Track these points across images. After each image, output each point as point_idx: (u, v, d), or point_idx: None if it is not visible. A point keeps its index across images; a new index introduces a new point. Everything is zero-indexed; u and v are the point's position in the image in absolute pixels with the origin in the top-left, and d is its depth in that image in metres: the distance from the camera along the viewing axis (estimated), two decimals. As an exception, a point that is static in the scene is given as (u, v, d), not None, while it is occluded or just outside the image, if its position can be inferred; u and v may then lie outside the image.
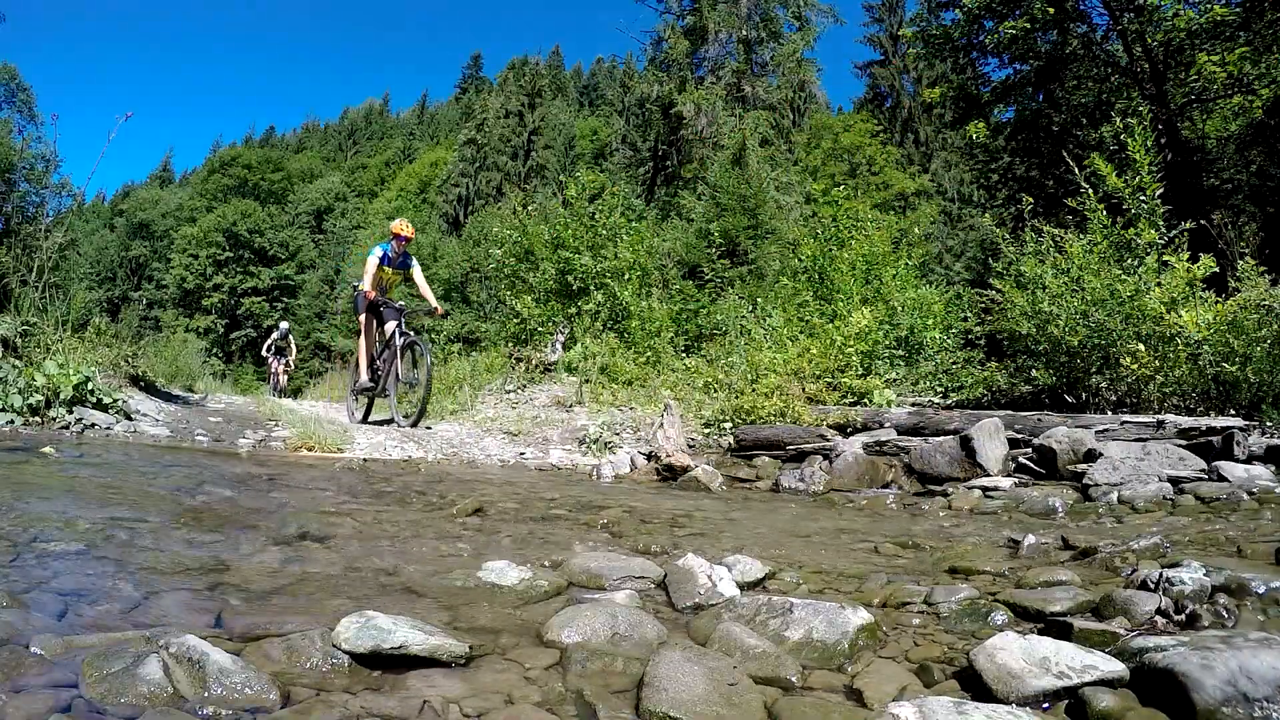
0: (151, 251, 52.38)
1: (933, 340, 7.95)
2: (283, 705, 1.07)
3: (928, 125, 37.03)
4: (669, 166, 23.03)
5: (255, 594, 1.58)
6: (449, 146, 52.73)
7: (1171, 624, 1.49)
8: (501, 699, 1.15)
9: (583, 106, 64.25)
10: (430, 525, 2.56)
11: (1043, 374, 5.55)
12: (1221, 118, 11.64)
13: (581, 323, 9.14)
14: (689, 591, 1.72)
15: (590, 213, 10.46)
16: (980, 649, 1.25)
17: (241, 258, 47.53)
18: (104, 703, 1.01)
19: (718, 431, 5.46)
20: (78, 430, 4.64)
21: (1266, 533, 2.29)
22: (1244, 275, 4.99)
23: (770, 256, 12.58)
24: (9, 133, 18.78)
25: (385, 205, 48.84)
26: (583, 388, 7.32)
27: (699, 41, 21.70)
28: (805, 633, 1.42)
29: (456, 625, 1.46)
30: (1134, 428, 4.04)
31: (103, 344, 6.37)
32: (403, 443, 5.42)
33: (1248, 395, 4.55)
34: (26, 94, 22.89)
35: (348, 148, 77.53)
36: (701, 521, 2.89)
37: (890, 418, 5.05)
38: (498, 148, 42.85)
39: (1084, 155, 6.67)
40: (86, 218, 52.36)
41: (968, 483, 3.69)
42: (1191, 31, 10.51)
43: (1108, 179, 5.60)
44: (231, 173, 54.98)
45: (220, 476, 3.39)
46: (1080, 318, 5.16)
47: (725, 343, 8.49)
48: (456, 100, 71.63)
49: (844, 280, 8.78)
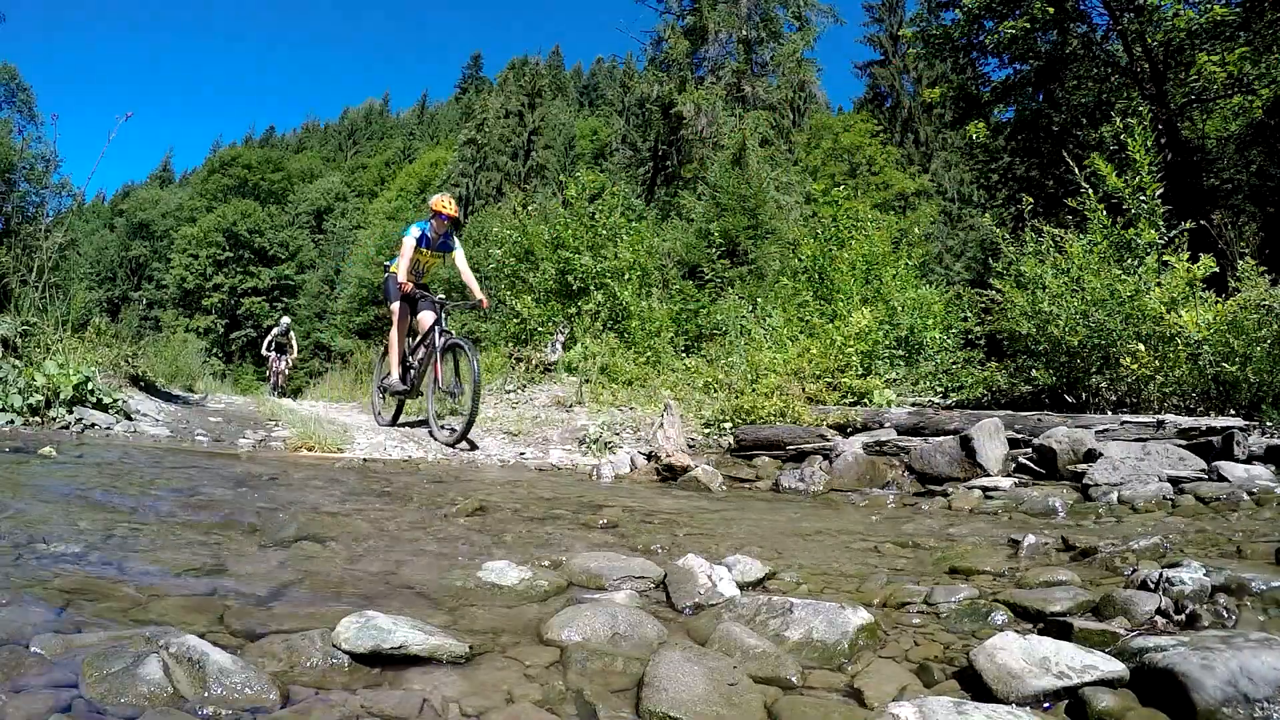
0: (151, 251, 52.40)
1: (933, 340, 7.95)
2: (283, 705, 1.06)
3: (928, 125, 37.04)
4: (669, 166, 23.03)
5: (255, 594, 1.58)
6: (449, 146, 52.74)
7: (1171, 624, 1.49)
8: (502, 698, 1.15)
9: (583, 106, 64.27)
10: (430, 525, 2.56)
11: (1043, 374, 5.55)
12: (1221, 118, 11.64)
13: (581, 323, 9.14)
14: (689, 591, 1.72)
15: (590, 213, 10.46)
16: (980, 649, 1.25)
17: (241, 258, 47.54)
18: (104, 703, 1.01)
19: (718, 431, 5.45)
20: (78, 430, 4.64)
21: (1266, 533, 2.29)
22: (1244, 275, 4.99)
23: (770, 256, 12.58)
24: (9, 133, 18.80)
25: (385, 205, 48.84)
26: (583, 388, 7.32)
27: (699, 41, 21.71)
28: (805, 633, 1.42)
29: (456, 625, 1.46)
30: (1134, 428, 4.04)
31: (103, 344, 6.37)
32: (402, 443, 5.42)
33: (1248, 395, 4.55)
34: (26, 94, 22.94)
35: (348, 148, 77.57)
36: (701, 521, 2.89)
37: (890, 418, 5.05)
38: (498, 148, 42.86)
39: (1084, 155, 6.68)
40: (86, 218, 52.39)
41: (968, 483, 3.69)
42: (1191, 31, 10.51)
43: (1108, 179, 5.60)
44: (231, 173, 55.01)
45: (220, 477, 3.39)
46: (1080, 318, 5.16)
47: (725, 343, 8.49)
48: (456, 100, 71.67)
49: (844, 280, 8.78)
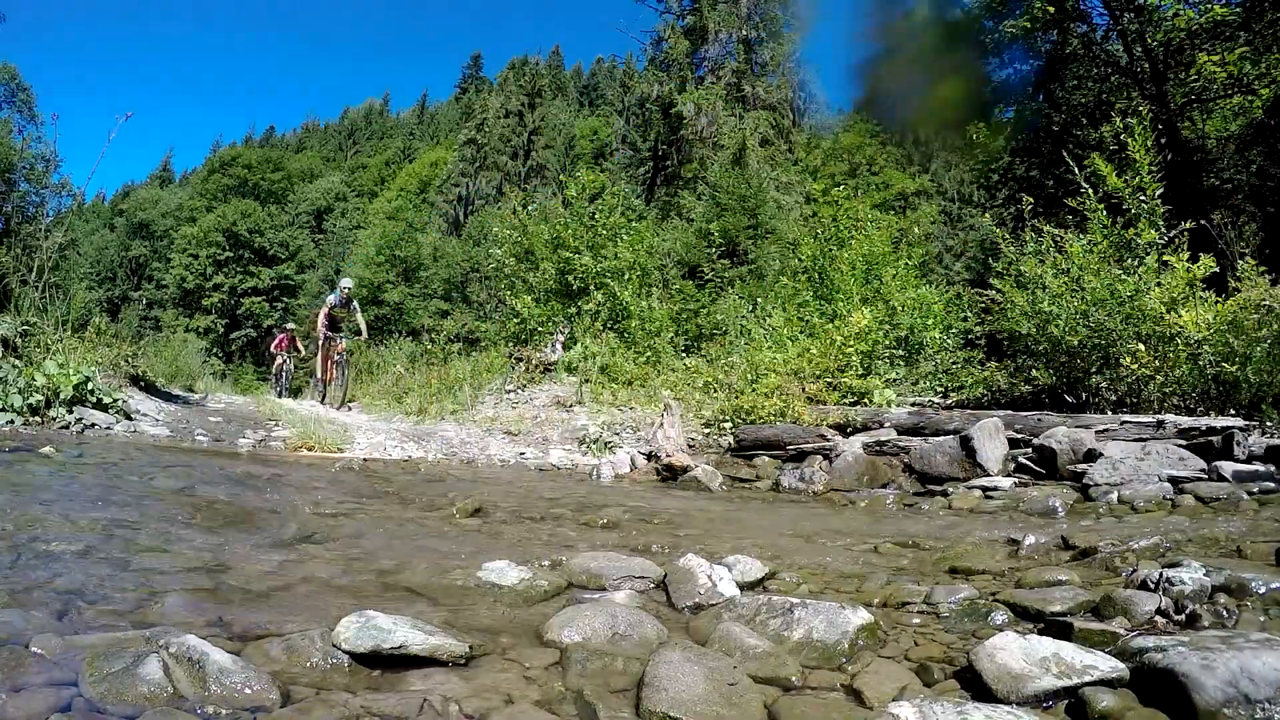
0: (151, 251, 52.34)
1: (933, 340, 7.95)
2: (283, 705, 1.06)
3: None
4: (669, 166, 23.03)
5: (255, 594, 1.58)
6: (449, 146, 52.70)
7: (1172, 624, 1.49)
8: (501, 698, 1.14)
9: (583, 106, 64.21)
10: (430, 525, 2.56)
11: (1043, 374, 5.55)
12: (1221, 118, 11.63)
13: (581, 323, 9.14)
14: (689, 591, 1.72)
15: (590, 213, 10.46)
16: (980, 649, 1.25)
17: (241, 258, 47.48)
18: (104, 702, 1.01)
19: (718, 431, 5.45)
20: (78, 430, 4.64)
21: (1266, 533, 2.29)
22: (1244, 275, 4.98)
23: (770, 256, 12.59)
24: (9, 133, 18.79)
25: (385, 205, 48.79)
26: (583, 388, 7.32)
27: (699, 41, 21.73)
28: (805, 633, 1.42)
29: (456, 625, 1.46)
30: (1134, 428, 4.04)
31: (103, 344, 6.37)
32: (403, 442, 5.42)
33: (1248, 395, 4.54)
34: (26, 94, 22.89)
35: (348, 148, 77.50)
36: (701, 521, 2.89)
37: (890, 418, 5.04)
38: (498, 148, 42.81)
39: (1084, 155, 6.66)
40: (86, 218, 52.32)
41: (968, 483, 3.69)
42: (1191, 31, 10.51)
43: (1108, 179, 5.60)
44: (231, 173, 54.93)
45: (220, 476, 3.39)
46: (1080, 318, 5.15)
47: (725, 343, 8.49)
48: (456, 100, 71.59)
49: (844, 280, 8.77)
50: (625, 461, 4.74)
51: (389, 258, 29.75)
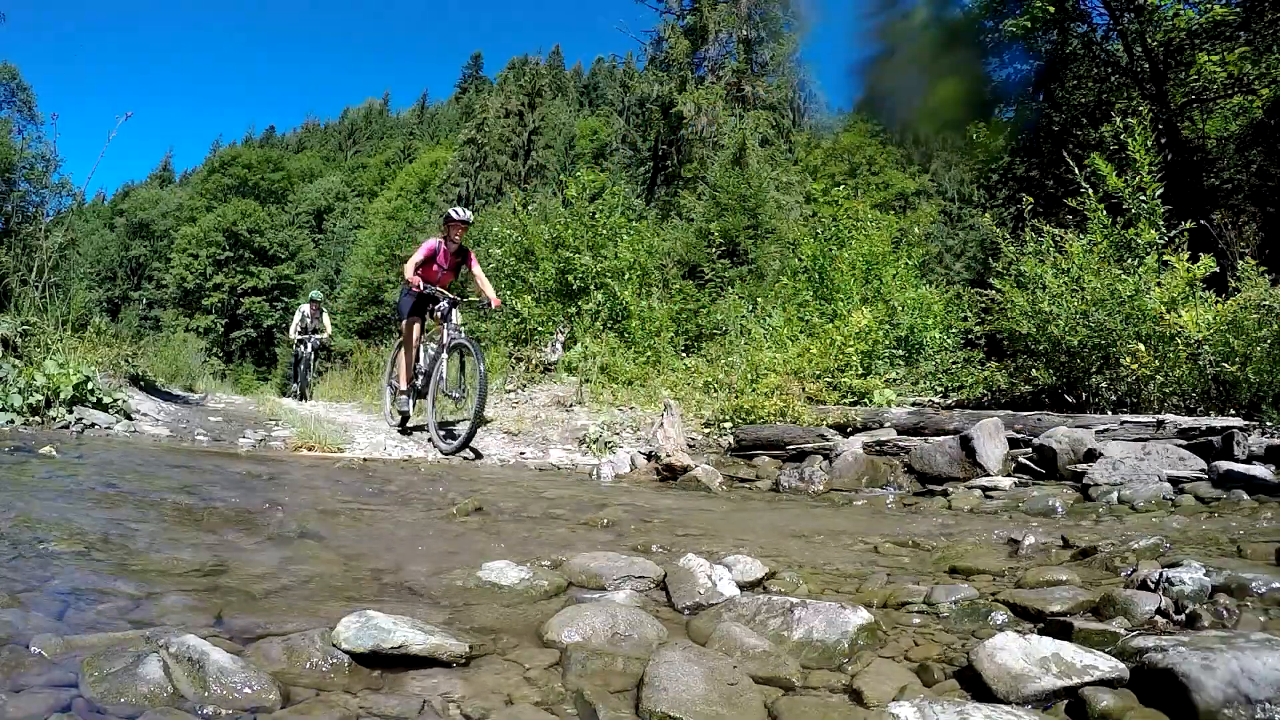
0: (151, 251, 52.35)
1: (933, 340, 7.94)
2: (283, 705, 1.06)
3: (928, 125, 36.98)
4: (669, 166, 23.04)
5: (255, 594, 1.58)
6: (449, 146, 52.66)
7: (1172, 624, 1.49)
8: (501, 699, 1.14)
9: (583, 106, 64.19)
10: (430, 525, 2.56)
11: (1043, 374, 5.55)
12: (1221, 118, 11.63)
13: (581, 322, 9.14)
14: (689, 591, 1.72)
15: (590, 212, 10.45)
16: (980, 649, 1.25)
17: (241, 257, 47.49)
18: (104, 702, 1.01)
19: (718, 431, 5.45)
20: (78, 430, 4.64)
21: (1266, 533, 2.29)
22: (1244, 275, 4.99)
23: (770, 256, 12.59)
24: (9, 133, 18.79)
25: (385, 205, 48.79)
26: (583, 387, 7.32)
27: (699, 41, 21.75)
28: (805, 632, 1.42)
29: (456, 625, 1.46)
30: (1134, 428, 4.04)
31: (103, 344, 6.38)
32: (402, 442, 5.42)
33: (1248, 395, 4.54)
34: (26, 94, 22.91)
35: (348, 147, 77.48)
36: (701, 521, 2.89)
37: (890, 417, 5.04)
38: (498, 147, 42.80)
39: (1084, 155, 6.67)
40: (86, 218, 52.31)
41: (968, 482, 3.69)
42: (1191, 31, 10.51)
43: (1108, 179, 5.59)
44: (231, 172, 54.91)
45: (220, 476, 3.39)
46: (1080, 317, 5.15)
47: (725, 343, 8.48)
48: (456, 100, 71.59)
49: (844, 280, 8.77)
50: (625, 461, 4.74)
51: (389, 257, 29.78)
